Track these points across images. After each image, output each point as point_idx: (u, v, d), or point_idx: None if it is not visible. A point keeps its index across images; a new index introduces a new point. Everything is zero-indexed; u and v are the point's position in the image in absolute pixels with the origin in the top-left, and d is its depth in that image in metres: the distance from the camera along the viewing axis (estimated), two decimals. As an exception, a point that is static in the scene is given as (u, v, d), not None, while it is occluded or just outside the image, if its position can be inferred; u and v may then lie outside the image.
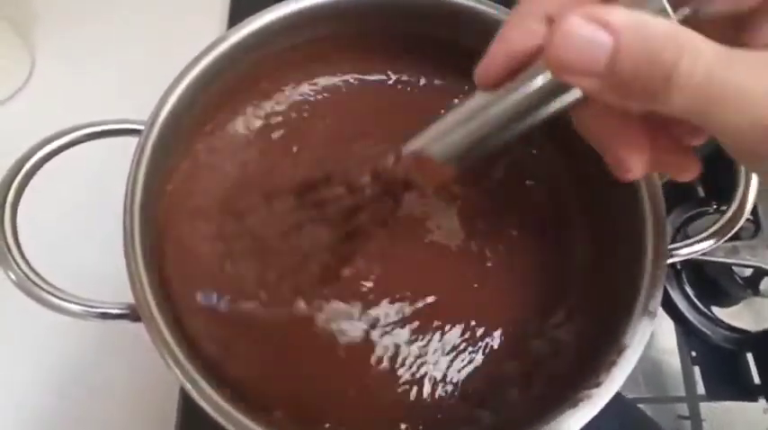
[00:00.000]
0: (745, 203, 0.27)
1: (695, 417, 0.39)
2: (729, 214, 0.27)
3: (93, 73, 0.46)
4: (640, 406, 0.38)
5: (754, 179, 0.27)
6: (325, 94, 0.34)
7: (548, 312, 0.29)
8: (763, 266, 0.38)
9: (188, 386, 0.22)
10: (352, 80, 0.35)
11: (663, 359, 0.41)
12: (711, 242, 0.27)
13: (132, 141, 0.27)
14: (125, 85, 0.44)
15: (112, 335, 0.38)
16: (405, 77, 0.35)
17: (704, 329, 0.41)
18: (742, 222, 0.27)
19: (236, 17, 0.49)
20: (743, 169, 0.28)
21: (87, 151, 0.27)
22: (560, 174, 0.33)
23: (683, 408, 0.40)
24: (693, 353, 0.41)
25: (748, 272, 0.40)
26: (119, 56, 0.47)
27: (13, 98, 0.45)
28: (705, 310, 0.42)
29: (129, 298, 0.24)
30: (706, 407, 0.39)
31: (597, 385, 0.23)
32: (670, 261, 0.27)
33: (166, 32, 0.48)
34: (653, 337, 0.41)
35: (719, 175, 0.39)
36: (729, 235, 0.27)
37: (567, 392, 0.24)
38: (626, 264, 0.27)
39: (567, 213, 0.32)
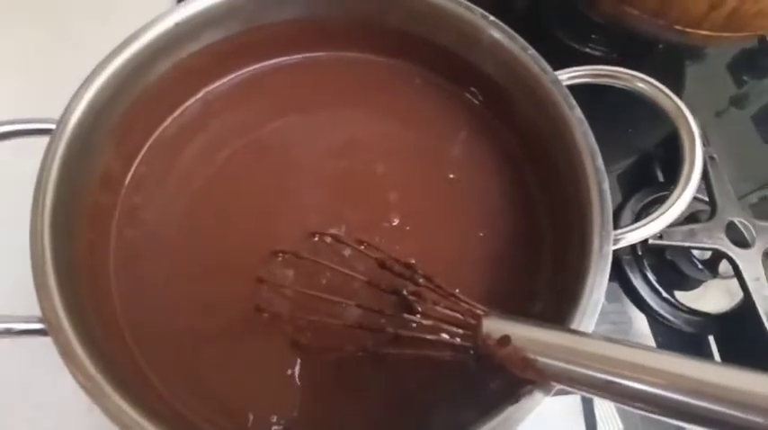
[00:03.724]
0: (689, 184, 0.26)
1: None
2: (675, 196, 0.26)
3: (17, 74, 0.43)
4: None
5: (698, 160, 0.27)
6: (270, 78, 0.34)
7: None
8: (720, 248, 0.38)
9: (99, 402, 0.20)
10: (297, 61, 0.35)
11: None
12: (659, 225, 0.26)
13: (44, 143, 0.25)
14: (52, 86, 0.41)
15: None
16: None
17: (666, 314, 0.41)
18: (687, 202, 0.26)
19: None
20: (687, 151, 0.27)
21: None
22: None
23: None
24: (659, 339, 0.41)
25: (707, 255, 0.40)
26: (45, 56, 0.44)
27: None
28: (667, 296, 0.41)
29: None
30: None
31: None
32: (618, 245, 0.26)
33: (95, 30, 0.45)
34: (630, 325, 0.41)
35: (678, 160, 0.39)
36: (676, 214, 0.26)
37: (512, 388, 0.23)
38: (576, 251, 0.26)
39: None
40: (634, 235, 0.26)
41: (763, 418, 0.16)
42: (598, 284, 0.24)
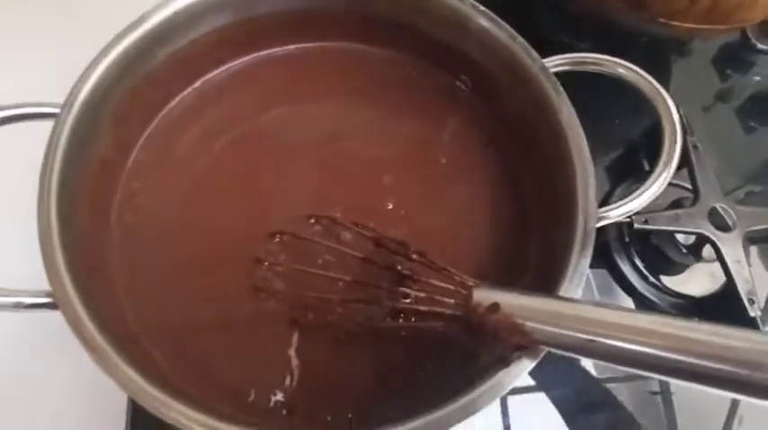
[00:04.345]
0: (671, 161, 0.28)
1: (666, 392, 0.40)
2: (656, 173, 0.28)
3: (13, 56, 0.44)
4: (612, 385, 0.38)
5: (678, 137, 0.28)
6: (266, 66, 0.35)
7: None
8: (703, 232, 0.39)
9: (108, 372, 0.21)
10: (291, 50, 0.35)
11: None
12: (640, 201, 0.28)
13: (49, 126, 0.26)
14: (48, 68, 0.41)
15: (55, 333, 0.36)
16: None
17: (652, 298, 0.42)
18: (669, 178, 0.28)
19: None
20: (667, 130, 0.28)
21: (5, 136, 0.26)
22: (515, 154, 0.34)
23: (655, 385, 0.40)
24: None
25: (691, 239, 0.41)
26: (40, 37, 0.44)
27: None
28: (654, 280, 0.42)
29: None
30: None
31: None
32: (602, 223, 0.27)
33: (96, 19, 0.45)
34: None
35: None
36: (656, 194, 0.28)
37: (502, 355, 0.24)
38: (563, 227, 0.27)
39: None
40: (617, 211, 0.27)
41: (737, 368, 0.17)
42: (584, 257, 0.25)
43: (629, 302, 0.42)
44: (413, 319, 0.26)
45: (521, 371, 0.22)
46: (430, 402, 0.23)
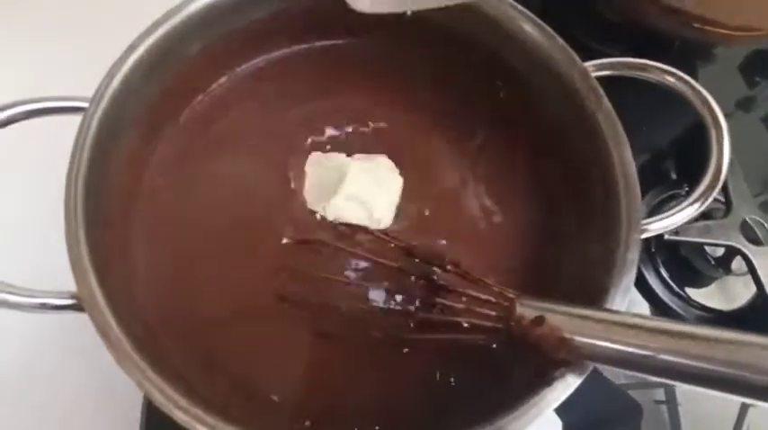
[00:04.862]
0: (718, 177, 0.27)
1: (671, 402, 0.39)
2: (702, 188, 0.27)
3: (42, 49, 0.43)
4: (619, 391, 0.38)
5: (726, 151, 0.27)
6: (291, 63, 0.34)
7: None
8: (735, 245, 0.38)
9: (135, 378, 0.21)
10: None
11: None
12: (683, 216, 0.27)
13: (77, 121, 0.25)
14: (77, 61, 0.41)
15: (69, 334, 0.36)
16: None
17: (678, 310, 0.41)
18: (715, 194, 0.27)
19: None
20: (715, 142, 0.27)
21: (28, 131, 0.25)
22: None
23: (660, 393, 0.39)
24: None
25: (720, 251, 0.40)
26: (69, 30, 0.44)
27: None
28: (679, 291, 0.41)
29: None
30: (681, 391, 0.39)
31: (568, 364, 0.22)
32: (644, 236, 0.26)
33: (124, 11, 0.45)
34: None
35: (691, 158, 0.39)
36: (702, 207, 0.27)
37: (543, 372, 0.23)
38: (603, 238, 0.26)
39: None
40: (662, 223, 0.27)
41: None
42: (626, 276, 0.24)
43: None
44: (446, 331, 0.25)
45: (565, 389, 0.21)
46: (462, 419, 0.22)
